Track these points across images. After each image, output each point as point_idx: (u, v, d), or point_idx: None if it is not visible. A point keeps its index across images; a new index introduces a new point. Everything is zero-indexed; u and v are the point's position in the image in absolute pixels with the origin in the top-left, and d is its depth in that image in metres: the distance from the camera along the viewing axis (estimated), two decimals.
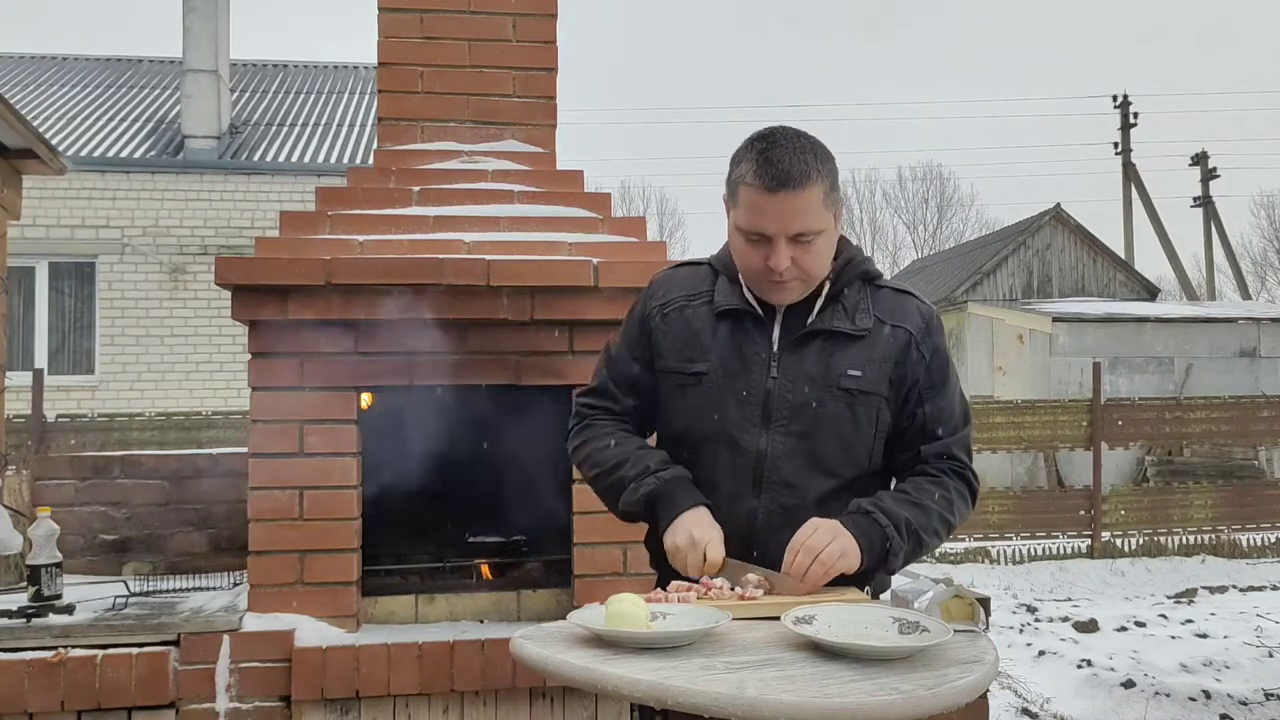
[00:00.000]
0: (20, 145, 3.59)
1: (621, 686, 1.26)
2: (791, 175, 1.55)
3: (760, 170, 1.56)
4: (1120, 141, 24.62)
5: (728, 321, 1.72)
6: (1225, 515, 9.33)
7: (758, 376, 1.68)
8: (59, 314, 11.74)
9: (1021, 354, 14.62)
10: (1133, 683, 4.42)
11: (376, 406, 3.01)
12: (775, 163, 1.55)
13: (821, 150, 1.61)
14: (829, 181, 1.60)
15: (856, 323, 1.69)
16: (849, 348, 1.68)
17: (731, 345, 1.70)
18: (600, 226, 3.13)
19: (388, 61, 3.31)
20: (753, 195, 1.58)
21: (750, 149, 1.60)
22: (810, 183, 1.56)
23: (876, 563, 1.59)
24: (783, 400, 1.66)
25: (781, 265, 1.59)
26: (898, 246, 39.68)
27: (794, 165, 1.55)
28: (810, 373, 1.66)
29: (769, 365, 1.68)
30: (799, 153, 1.57)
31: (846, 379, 1.66)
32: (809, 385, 1.66)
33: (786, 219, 1.57)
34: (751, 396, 1.67)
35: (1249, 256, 35.30)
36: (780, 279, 1.62)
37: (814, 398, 1.66)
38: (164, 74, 14.59)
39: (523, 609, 2.97)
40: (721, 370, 1.70)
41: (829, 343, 1.68)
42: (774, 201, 1.56)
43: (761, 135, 1.61)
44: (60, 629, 2.57)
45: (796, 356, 1.67)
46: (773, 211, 1.57)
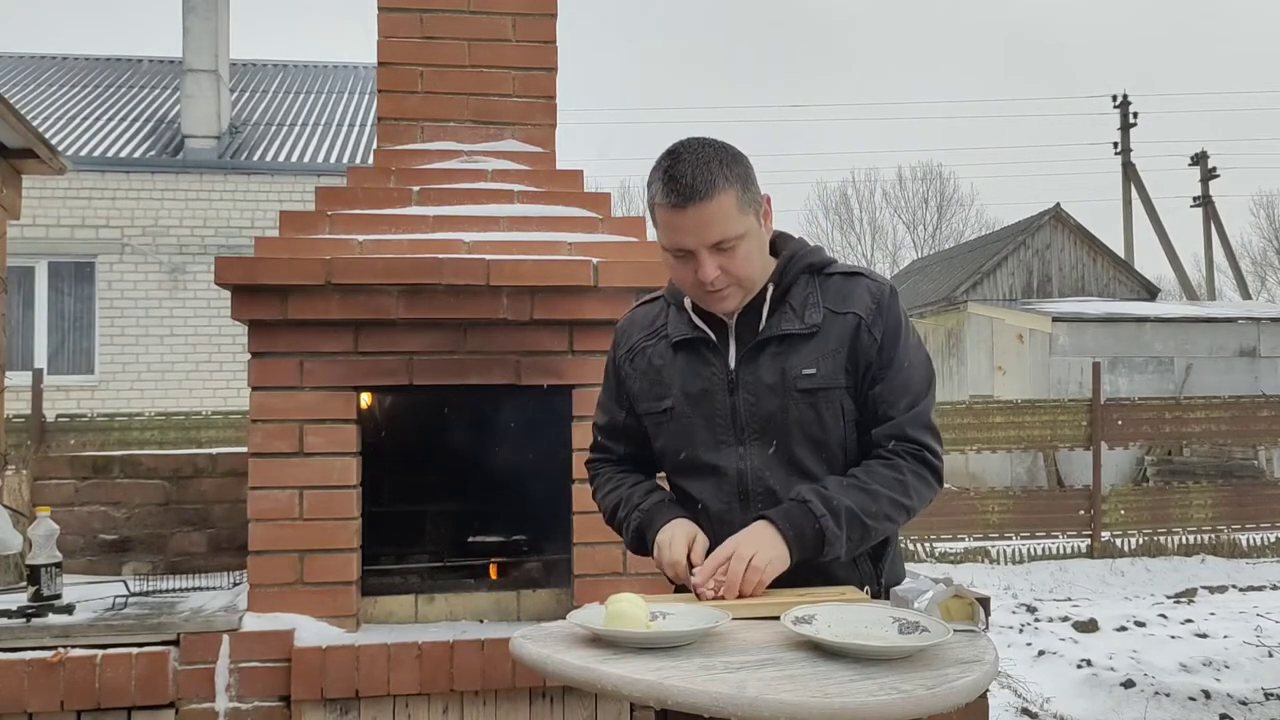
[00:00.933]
0: (20, 145, 3.59)
1: (621, 686, 1.26)
2: (696, 188, 1.55)
3: (667, 188, 1.57)
4: (1120, 141, 24.63)
5: (684, 351, 1.75)
6: (1225, 515, 9.33)
7: (720, 397, 1.69)
8: (59, 314, 11.75)
9: (1021, 354, 14.62)
10: (1132, 682, 4.42)
11: (376, 406, 3.01)
12: (679, 178, 1.56)
13: (728, 155, 1.60)
14: (739, 185, 1.59)
15: (806, 320, 1.68)
16: (801, 347, 1.67)
17: (690, 373, 1.73)
18: (600, 226, 3.13)
19: (388, 61, 3.31)
20: (665, 214, 1.59)
21: (657, 169, 1.61)
22: (717, 191, 1.56)
23: (811, 552, 1.58)
24: (750, 415, 1.67)
25: (709, 276, 1.60)
26: (898, 246, 39.70)
27: (698, 177, 1.55)
28: (767, 382, 1.67)
29: (729, 383, 1.69)
30: (702, 163, 1.56)
31: (802, 379, 1.65)
32: (769, 393, 1.66)
33: (702, 231, 1.57)
34: (720, 418, 1.69)
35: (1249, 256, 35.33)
36: (714, 289, 1.63)
37: (776, 405, 1.66)
38: (164, 74, 14.59)
39: (523, 609, 2.97)
40: (685, 400, 1.72)
41: (781, 346, 1.67)
42: (685, 216, 1.57)
43: (666, 153, 1.61)
44: (60, 629, 2.57)
45: (752, 368, 1.68)
46: (687, 226, 1.58)
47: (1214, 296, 26.12)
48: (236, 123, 13.10)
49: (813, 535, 1.56)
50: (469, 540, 3.12)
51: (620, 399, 1.86)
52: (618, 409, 1.86)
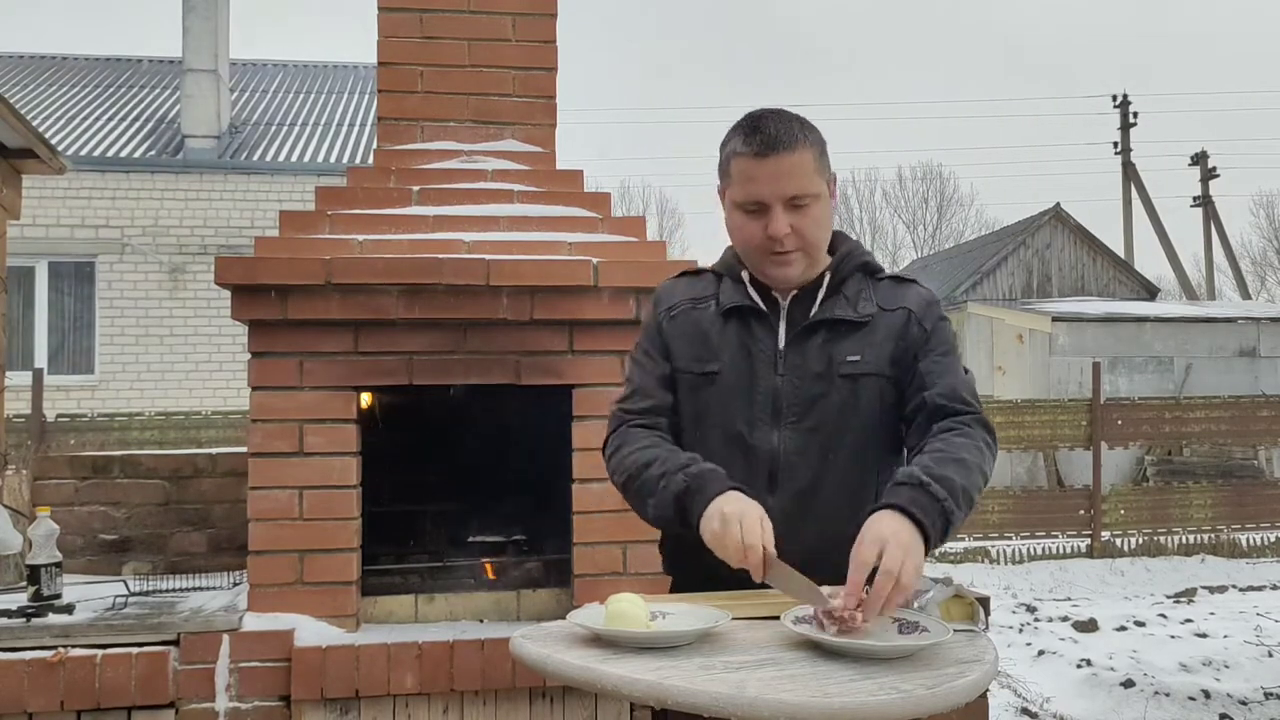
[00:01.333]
0: (20, 145, 3.59)
1: (621, 686, 1.26)
2: (780, 139, 1.59)
3: (749, 138, 1.60)
4: (1120, 141, 24.64)
5: (734, 320, 1.72)
6: (1225, 515, 9.34)
7: (765, 374, 1.68)
8: (59, 314, 11.75)
9: (1021, 354, 14.62)
10: (1132, 682, 4.42)
11: (376, 406, 3.01)
12: (763, 130, 1.59)
13: (807, 121, 1.65)
14: (818, 148, 1.64)
15: (859, 310, 1.69)
16: (850, 335, 1.67)
17: (739, 344, 1.71)
18: (600, 226, 3.13)
19: (388, 61, 3.31)
20: (744, 164, 1.61)
21: (737, 127, 1.65)
22: (799, 145, 1.60)
23: (938, 538, 1.46)
24: (791, 396, 1.66)
25: (781, 231, 1.60)
26: (897, 246, 39.71)
27: (781, 130, 1.59)
28: (814, 368, 1.66)
29: (775, 362, 1.68)
30: (785, 120, 1.61)
31: (846, 365, 1.65)
32: (814, 379, 1.66)
33: (781, 181, 1.59)
34: (761, 395, 1.67)
35: (1249, 256, 35.35)
36: (782, 249, 1.63)
37: (819, 390, 1.65)
38: (164, 74, 14.59)
39: (523, 609, 2.97)
40: (732, 370, 1.70)
41: (831, 332, 1.68)
42: (766, 165, 1.59)
43: (748, 114, 1.66)
44: (60, 629, 2.57)
45: (800, 350, 1.68)
46: (766, 176, 1.59)
47: (1214, 296, 26.13)
48: (236, 123, 13.10)
49: (941, 520, 1.44)
50: (469, 540, 3.12)
51: (659, 362, 1.77)
52: (664, 362, 1.77)
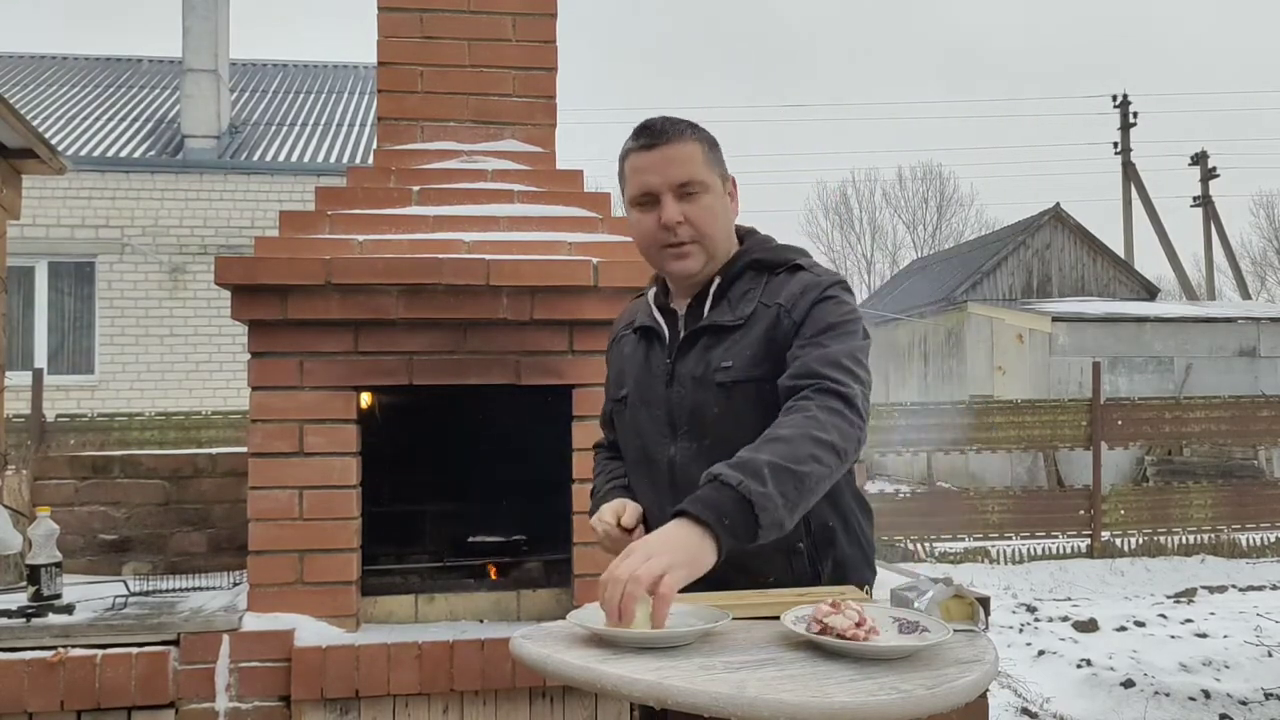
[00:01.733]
0: (20, 145, 3.59)
1: (621, 686, 1.26)
2: (666, 130, 1.64)
3: (638, 134, 1.65)
4: (1120, 141, 24.64)
5: (643, 341, 1.77)
6: (1225, 515, 9.34)
7: (659, 390, 1.70)
8: (59, 314, 11.75)
9: (1021, 354, 14.62)
10: (1132, 682, 4.42)
11: (376, 406, 3.01)
12: (650, 125, 1.65)
13: (698, 123, 1.70)
14: (707, 144, 1.67)
15: (737, 312, 1.65)
16: (725, 340, 1.64)
17: (643, 363, 1.75)
18: (600, 226, 3.13)
19: (388, 61, 3.31)
20: (634, 158, 1.65)
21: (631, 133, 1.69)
22: (685, 136, 1.65)
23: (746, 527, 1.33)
24: (680, 407, 1.66)
25: (673, 218, 1.62)
26: (897, 246, 39.71)
27: (668, 124, 1.65)
28: (694, 375, 1.65)
29: (667, 376, 1.69)
30: (673, 119, 1.67)
31: (720, 373, 1.61)
32: (695, 387, 1.64)
33: (669, 168, 1.62)
34: (657, 410, 1.70)
35: (1249, 256, 35.35)
36: (676, 239, 1.63)
37: (700, 399, 1.64)
38: (164, 74, 14.59)
39: (522, 609, 2.97)
40: (636, 391, 1.74)
41: (711, 339, 1.66)
42: (653, 155, 1.63)
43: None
44: (60, 629, 2.57)
45: (685, 361, 1.68)
46: (653, 165, 1.63)
47: (1214, 296, 26.13)
48: (236, 123, 13.10)
49: (737, 508, 1.32)
50: (469, 540, 3.12)
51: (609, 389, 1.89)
52: (608, 400, 1.90)
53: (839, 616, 1.33)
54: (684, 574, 1.30)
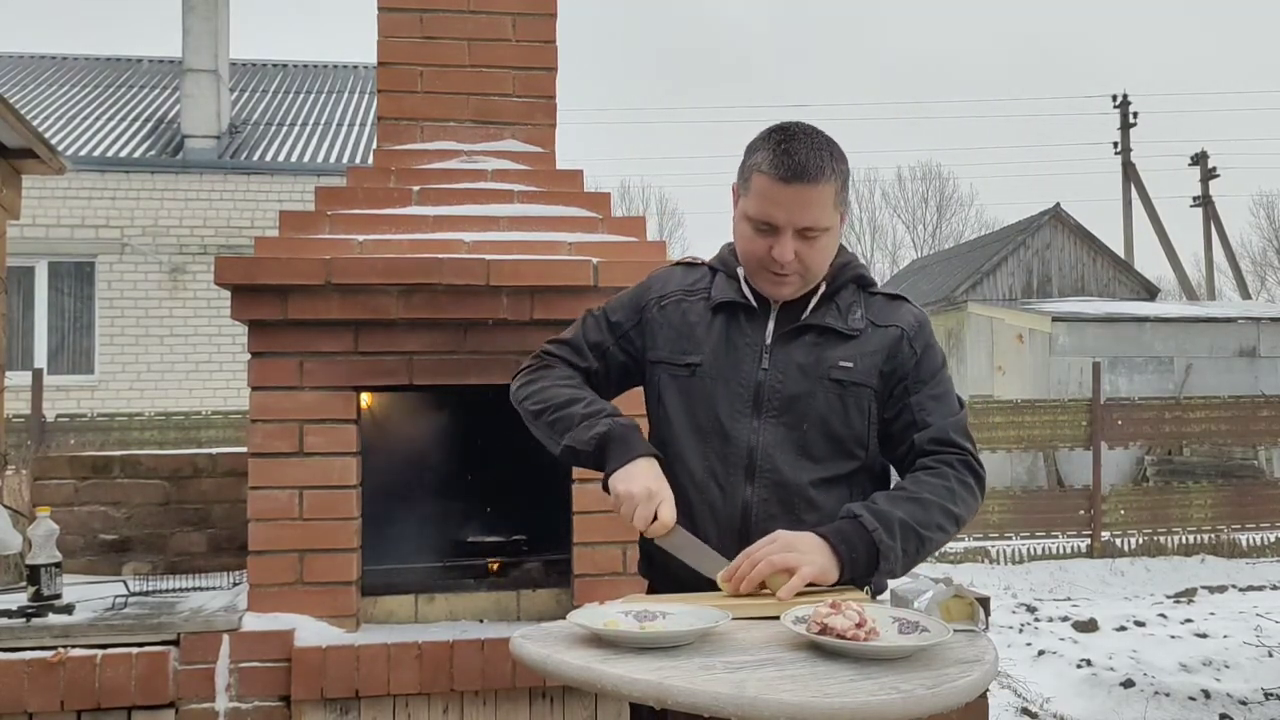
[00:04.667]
0: (20, 145, 3.59)
1: (621, 686, 1.26)
2: (807, 169, 1.57)
3: (777, 160, 1.58)
4: (1120, 141, 24.64)
5: (723, 315, 1.74)
6: (1225, 515, 9.34)
7: (749, 367, 1.69)
8: (59, 314, 11.75)
9: (1021, 354, 14.62)
10: (1132, 682, 4.43)
11: (376, 406, 3.01)
12: (792, 154, 1.58)
13: (838, 150, 1.64)
14: (841, 181, 1.63)
15: (849, 322, 1.70)
16: (841, 343, 1.69)
17: (724, 337, 1.72)
18: (600, 226, 3.13)
19: (387, 61, 3.31)
20: (766, 184, 1.60)
21: (768, 139, 1.62)
22: (824, 179, 1.59)
23: (865, 569, 1.54)
24: (773, 390, 1.67)
25: (785, 257, 1.61)
26: (897, 246, 39.71)
27: (810, 159, 1.57)
28: (800, 363, 1.67)
29: (760, 356, 1.69)
30: (816, 149, 1.59)
31: (837, 370, 1.66)
32: (799, 376, 1.67)
33: (796, 211, 1.59)
34: (742, 387, 1.68)
35: (1249, 256, 35.35)
36: (781, 271, 1.64)
37: (804, 388, 1.66)
38: (164, 74, 14.59)
39: (522, 609, 2.97)
40: (713, 361, 1.71)
41: (821, 338, 1.69)
42: (786, 192, 1.58)
43: (781, 127, 1.63)
44: (60, 629, 2.57)
45: (788, 348, 1.69)
46: (784, 202, 1.59)
47: (1214, 296, 26.12)
48: (236, 123, 13.09)
49: (865, 550, 1.52)
50: (469, 540, 3.12)
51: (622, 329, 1.83)
52: (609, 334, 1.84)
53: (839, 617, 1.33)
54: (812, 573, 1.49)
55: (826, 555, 1.51)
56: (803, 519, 1.62)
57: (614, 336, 1.84)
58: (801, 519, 1.62)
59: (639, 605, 1.51)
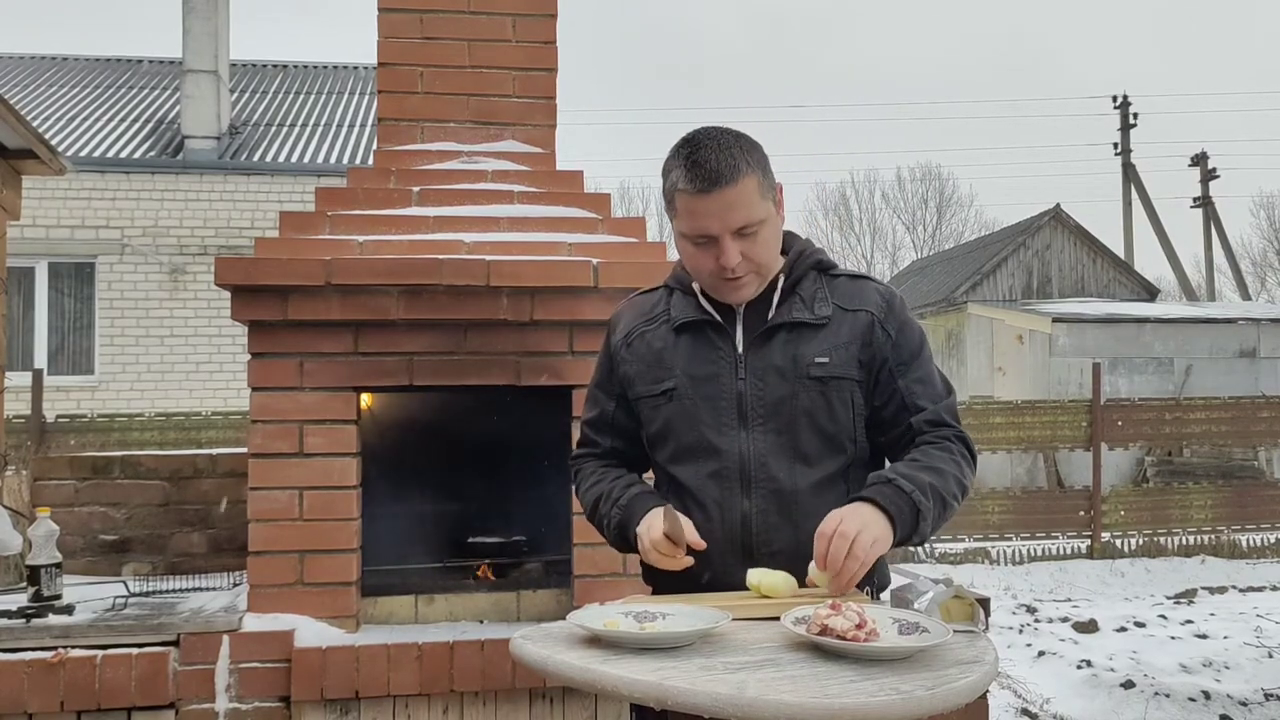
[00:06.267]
0: (20, 145, 3.59)
1: (621, 687, 1.26)
2: (721, 172, 1.56)
3: (690, 174, 1.58)
4: (1120, 142, 24.65)
5: (688, 334, 1.74)
6: (1225, 516, 9.34)
7: (727, 380, 1.69)
8: (59, 314, 11.74)
9: (1021, 354, 14.62)
10: (1132, 683, 4.42)
11: (377, 406, 3.01)
12: (702, 164, 1.57)
13: (746, 142, 1.63)
14: (760, 170, 1.62)
15: (816, 311, 1.69)
16: (813, 337, 1.68)
17: (695, 355, 1.72)
18: (600, 227, 3.13)
19: (388, 62, 3.31)
20: (688, 200, 1.60)
21: (677, 155, 1.62)
22: (741, 175, 1.58)
23: (909, 531, 1.55)
24: (756, 398, 1.67)
25: (732, 262, 1.61)
26: (897, 247, 39.69)
27: (722, 162, 1.57)
28: (778, 366, 1.67)
29: (736, 367, 1.69)
30: (725, 149, 1.58)
31: (815, 367, 1.66)
32: (779, 379, 1.66)
33: (726, 215, 1.59)
34: (724, 400, 1.68)
35: (1249, 257, 35.33)
36: (734, 275, 1.64)
37: (786, 390, 1.66)
38: (164, 74, 14.58)
39: (522, 609, 2.97)
40: (689, 381, 1.71)
41: (792, 334, 1.69)
42: (709, 201, 1.58)
43: (685, 140, 1.63)
44: (60, 629, 2.57)
45: (762, 353, 1.68)
46: (711, 211, 1.59)
47: (1214, 297, 26.13)
48: (236, 123, 13.09)
49: (909, 513, 1.53)
50: (469, 541, 3.12)
51: (610, 388, 1.85)
52: (607, 400, 1.86)
53: (839, 618, 1.33)
54: (883, 548, 1.50)
55: (881, 520, 1.51)
56: (802, 525, 1.61)
57: (610, 402, 1.86)
58: (801, 525, 1.62)
59: (639, 606, 1.52)
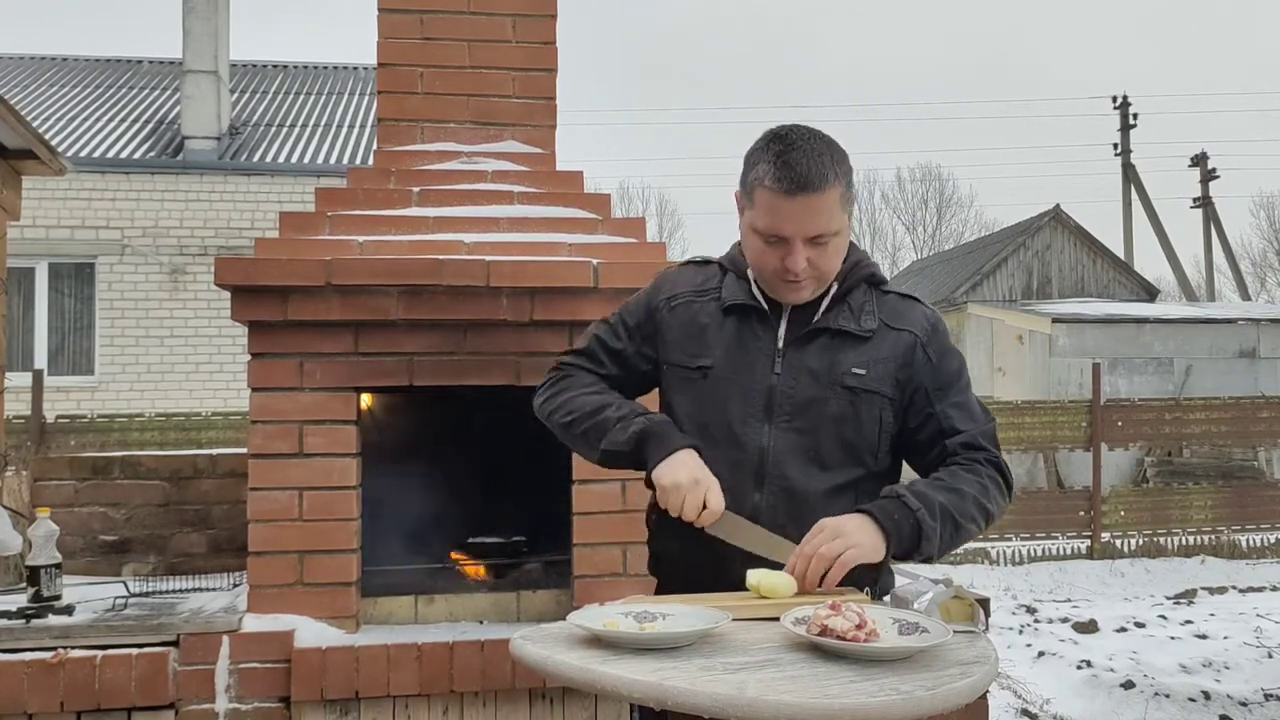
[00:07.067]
0: (20, 145, 3.58)
1: (621, 687, 1.26)
2: (810, 179, 1.55)
3: (779, 174, 1.56)
4: (1120, 142, 24.65)
5: (734, 317, 1.73)
6: (1225, 516, 9.33)
7: (761, 372, 1.68)
8: (59, 315, 11.74)
9: (1021, 355, 14.63)
10: (1132, 683, 4.42)
11: (377, 407, 3.01)
12: (793, 166, 1.55)
13: (838, 151, 1.62)
14: (845, 181, 1.61)
15: (862, 324, 1.69)
16: (854, 347, 1.68)
17: (736, 340, 1.71)
18: (600, 227, 3.13)
19: (387, 62, 3.31)
20: (770, 198, 1.58)
21: (767, 150, 1.60)
22: (828, 185, 1.57)
23: (909, 546, 1.54)
24: (785, 396, 1.66)
25: (799, 267, 1.60)
26: (897, 247, 39.71)
27: (812, 168, 1.55)
28: (813, 369, 1.67)
29: (773, 361, 1.68)
30: (816, 155, 1.56)
31: (850, 376, 1.66)
32: (812, 381, 1.66)
33: (805, 222, 1.58)
34: (754, 391, 1.68)
35: (1248, 257, 35.35)
36: (796, 279, 1.63)
37: (816, 394, 1.66)
38: (164, 74, 14.58)
39: (522, 609, 2.97)
40: (726, 365, 1.70)
41: (834, 341, 1.68)
42: (792, 205, 1.56)
43: (778, 136, 1.61)
44: (60, 630, 2.57)
45: (800, 353, 1.68)
46: (791, 214, 1.57)
47: (1214, 297, 26.13)
48: (236, 124, 13.09)
49: (910, 530, 1.53)
50: (469, 541, 3.12)
51: (641, 333, 1.81)
52: (629, 339, 1.81)
53: (839, 618, 1.33)
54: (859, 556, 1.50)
55: (872, 534, 1.52)
56: (807, 527, 1.60)
57: (631, 341, 1.81)
58: (806, 527, 1.60)
59: (639, 606, 1.52)
